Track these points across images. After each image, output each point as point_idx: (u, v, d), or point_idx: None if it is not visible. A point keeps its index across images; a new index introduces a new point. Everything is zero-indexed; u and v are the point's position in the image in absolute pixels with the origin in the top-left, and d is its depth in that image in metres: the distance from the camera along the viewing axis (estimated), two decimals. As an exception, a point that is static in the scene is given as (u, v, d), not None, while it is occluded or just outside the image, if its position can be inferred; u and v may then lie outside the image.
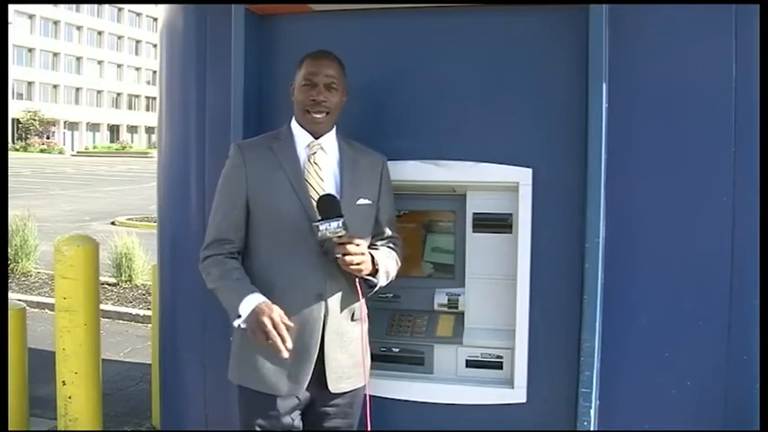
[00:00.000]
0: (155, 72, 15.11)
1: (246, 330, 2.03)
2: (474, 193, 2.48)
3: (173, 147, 2.83)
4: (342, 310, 2.15)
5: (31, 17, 59.97)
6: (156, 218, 3.00)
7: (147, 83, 71.47)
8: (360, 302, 2.18)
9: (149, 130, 69.90)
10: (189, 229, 2.69)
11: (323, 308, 2.12)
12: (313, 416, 2.20)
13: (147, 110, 71.96)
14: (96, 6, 66.20)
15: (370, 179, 2.25)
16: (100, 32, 67.75)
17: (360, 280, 2.13)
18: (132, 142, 68.56)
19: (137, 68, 72.58)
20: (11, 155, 30.57)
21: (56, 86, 63.41)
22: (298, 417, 2.18)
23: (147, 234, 8.22)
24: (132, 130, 72.28)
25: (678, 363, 2.31)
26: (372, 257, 2.13)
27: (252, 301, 2.01)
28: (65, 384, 3.39)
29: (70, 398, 3.39)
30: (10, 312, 3.42)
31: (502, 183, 2.40)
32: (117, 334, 5.85)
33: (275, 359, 2.05)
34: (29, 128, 56.41)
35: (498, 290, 2.44)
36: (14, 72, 56.40)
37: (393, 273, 2.24)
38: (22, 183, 20.47)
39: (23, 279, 7.57)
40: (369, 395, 2.20)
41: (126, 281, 7.25)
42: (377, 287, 2.18)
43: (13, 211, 7.26)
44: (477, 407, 2.41)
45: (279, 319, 1.97)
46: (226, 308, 2.10)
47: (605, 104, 2.23)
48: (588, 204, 2.23)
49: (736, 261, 2.25)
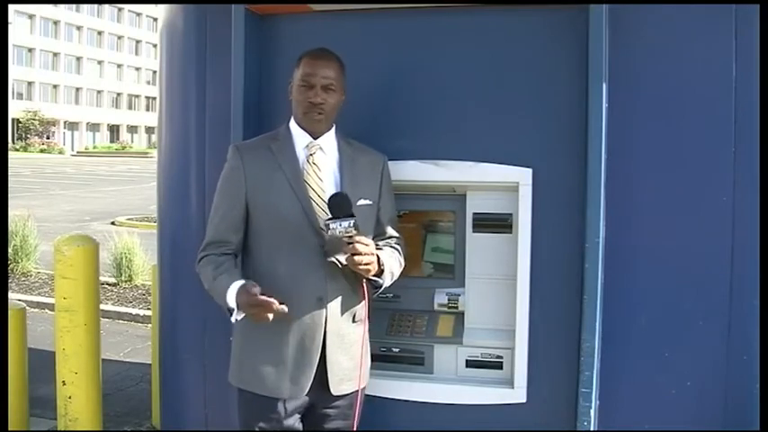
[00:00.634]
0: (155, 72, 15.11)
1: (245, 328, 2.03)
2: (474, 193, 2.47)
3: (173, 147, 2.83)
4: (343, 312, 2.14)
5: (31, 17, 59.97)
6: (156, 218, 3.00)
7: (147, 83, 71.46)
8: (360, 304, 2.17)
9: (149, 130, 69.88)
10: (189, 229, 2.69)
11: (324, 310, 2.10)
12: (313, 417, 2.19)
13: (147, 110, 71.94)
14: (96, 6, 66.19)
15: (371, 179, 2.23)
16: (100, 32, 67.74)
17: (366, 280, 2.12)
18: (132, 142, 68.55)
19: (137, 68, 72.58)
20: (11, 155, 30.56)
21: (56, 86, 63.39)
22: (297, 419, 2.17)
23: (147, 234, 8.22)
24: (132, 130, 72.27)
25: (678, 363, 2.31)
26: (378, 258, 2.11)
27: (235, 289, 2.00)
28: (65, 384, 3.39)
29: (70, 398, 3.39)
30: (10, 312, 3.42)
31: (502, 183, 2.40)
32: (117, 334, 5.85)
33: (277, 362, 2.05)
34: (29, 128, 56.41)
35: (498, 290, 2.44)
36: (14, 72, 56.39)
37: (397, 273, 2.22)
38: (22, 183, 20.46)
39: (23, 279, 7.57)
40: (360, 397, 2.18)
41: (126, 281, 7.25)
42: (382, 288, 2.17)
43: (13, 211, 7.25)
44: (477, 407, 2.41)
45: (256, 294, 1.95)
46: (221, 307, 2.07)
47: (605, 104, 2.23)
48: (588, 204, 2.23)
49: (736, 261, 2.25)
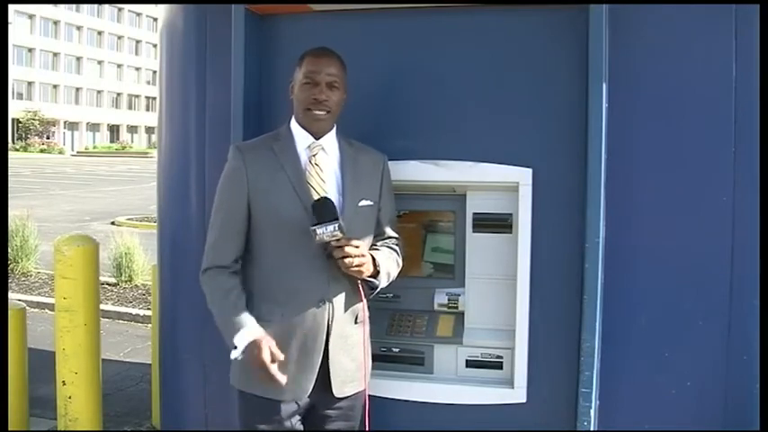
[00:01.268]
0: (155, 72, 15.11)
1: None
2: (474, 193, 2.47)
3: (173, 147, 2.83)
4: (345, 313, 2.13)
5: (31, 17, 59.99)
6: (156, 218, 3.00)
7: (147, 83, 71.47)
8: (362, 305, 2.17)
9: (149, 130, 69.89)
10: (189, 229, 2.69)
11: (326, 312, 2.09)
12: (315, 419, 2.18)
13: (147, 110, 71.96)
14: (96, 6, 66.20)
15: (372, 179, 2.23)
16: (100, 32, 67.74)
17: (361, 282, 2.11)
18: (132, 142, 68.56)
19: (137, 68, 72.60)
20: (11, 155, 30.56)
21: (56, 86, 63.40)
22: (298, 420, 2.16)
23: (147, 234, 8.22)
24: (132, 130, 72.27)
25: (678, 363, 2.31)
26: (373, 258, 2.11)
27: (246, 336, 2.01)
28: (65, 384, 3.39)
29: (70, 398, 3.39)
30: (10, 312, 3.42)
31: (502, 183, 2.40)
32: (117, 334, 5.85)
33: (279, 366, 2.05)
34: (29, 128, 56.41)
35: (498, 290, 2.44)
36: (14, 72, 56.40)
37: (394, 273, 2.22)
38: (22, 183, 20.46)
39: (23, 279, 7.57)
40: (368, 398, 2.19)
41: (126, 281, 7.26)
42: (378, 289, 2.16)
43: (13, 211, 7.25)
44: (477, 407, 2.41)
45: (269, 359, 1.99)
46: (222, 332, 2.09)
47: (605, 104, 2.22)
48: (588, 204, 2.23)
49: (736, 261, 2.25)
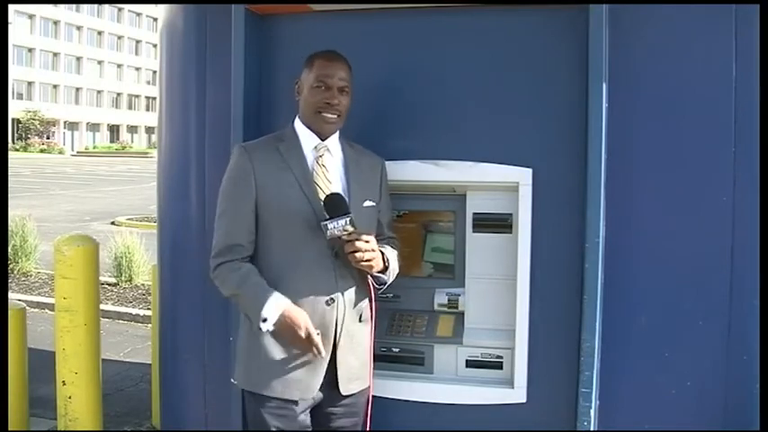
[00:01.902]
0: (155, 72, 15.12)
1: (250, 329, 2.05)
2: (474, 193, 2.47)
3: (173, 147, 2.83)
4: (352, 312, 2.15)
5: (31, 17, 59.96)
6: (156, 218, 3.00)
7: (147, 83, 71.46)
8: (365, 303, 2.18)
9: (149, 130, 69.89)
10: (189, 229, 2.70)
11: (335, 311, 2.11)
12: (320, 416, 2.20)
13: (147, 110, 71.94)
14: (96, 6, 66.17)
15: (372, 181, 2.25)
16: (100, 32, 67.72)
17: (371, 277, 2.14)
18: (132, 142, 68.54)
19: (137, 68, 72.55)
20: (11, 155, 30.56)
21: (56, 86, 63.38)
22: (307, 415, 2.17)
23: (147, 234, 8.21)
24: (132, 130, 72.25)
25: (678, 363, 2.31)
26: (382, 254, 2.13)
27: (275, 306, 2.01)
28: (65, 384, 3.39)
29: (70, 398, 3.39)
30: (10, 312, 3.42)
31: (502, 183, 2.40)
32: (117, 334, 5.85)
33: (287, 364, 2.06)
34: (29, 128, 56.38)
35: (498, 290, 2.44)
36: (14, 72, 56.38)
37: (396, 271, 2.25)
38: (22, 183, 20.46)
39: (23, 279, 7.57)
40: (371, 397, 2.21)
41: (126, 281, 7.26)
42: (386, 285, 2.20)
43: (13, 211, 7.25)
44: (477, 407, 2.41)
45: (306, 328, 2.01)
46: (247, 313, 2.08)
47: (605, 104, 2.23)
48: (588, 204, 2.23)
49: (736, 261, 2.25)
